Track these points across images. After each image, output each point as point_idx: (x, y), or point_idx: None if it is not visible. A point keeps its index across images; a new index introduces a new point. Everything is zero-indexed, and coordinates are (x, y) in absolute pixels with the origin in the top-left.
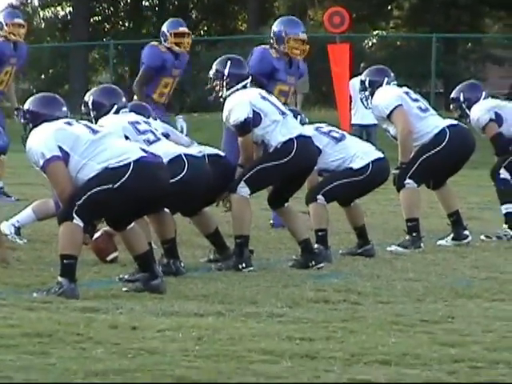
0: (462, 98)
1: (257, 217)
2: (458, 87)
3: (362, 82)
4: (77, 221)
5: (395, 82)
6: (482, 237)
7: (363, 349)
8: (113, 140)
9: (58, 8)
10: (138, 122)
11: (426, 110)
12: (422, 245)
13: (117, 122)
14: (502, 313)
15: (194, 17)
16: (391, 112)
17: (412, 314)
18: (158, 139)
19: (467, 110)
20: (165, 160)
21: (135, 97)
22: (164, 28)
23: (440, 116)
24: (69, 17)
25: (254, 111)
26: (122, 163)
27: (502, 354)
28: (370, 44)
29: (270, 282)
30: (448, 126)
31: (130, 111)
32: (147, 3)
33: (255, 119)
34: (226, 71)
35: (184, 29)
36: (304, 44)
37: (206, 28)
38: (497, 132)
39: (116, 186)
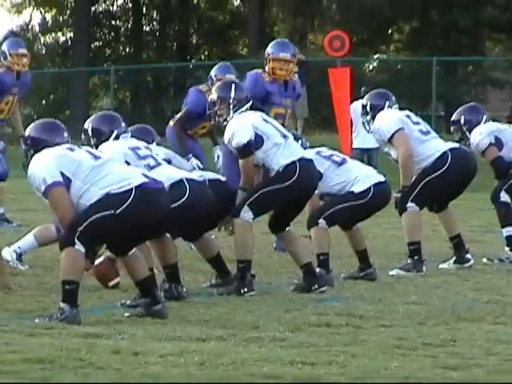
0: (462, 121)
1: (258, 241)
2: (458, 110)
3: (364, 107)
4: (78, 246)
5: (396, 106)
6: (484, 260)
7: (365, 372)
8: (114, 166)
9: (59, 33)
10: (138, 148)
11: (428, 133)
12: (423, 268)
13: (117, 147)
14: (505, 336)
15: (195, 42)
16: (392, 135)
17: (414, 338)
18: (159, 164)
19: (467, 133)
20: (167, 184)
21: None
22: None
23: (441, 139)
24: (69, 42)
25: (256, 134)
26: (123, 189)
27: (504, 377)
28: (371, 68)
29: (271, 306)
30: (450, 149)
31: (133, 135)
32: (148, 28)
33: (257, 142)
34: (232, 95)
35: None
36: (287, 63)
37: (206, 53)
38: (496, 156)
39: (118, 211)
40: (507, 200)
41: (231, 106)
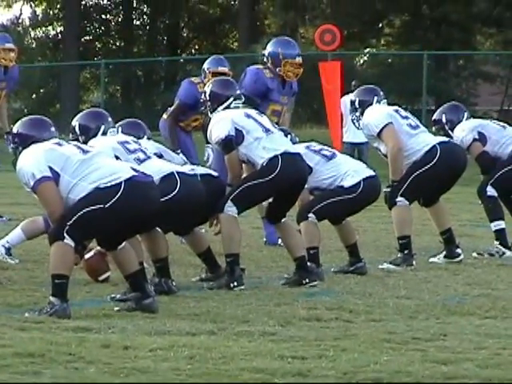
0: (444, 120)
1: (248, 235)
2: (439, 109)
3: (353, 103)
4: (68, 240)
5: (385, 101)
6: (474, 254)
7: (355, 367)
8: (103, 160)
9: (49, 27)
10: (127, 142)
11: (417, 127)
12: (414, 262)
13: (106, 142)
14: (495, 330)
15: (185, 35)
16: (381, 130)
17: (404, 332)
18: (149, 157)
19: (450, 132)
20: (157, 177)
21: None
22: None
23: (431, 133)
24: (59, 36)
25: (236, 129)
26: (113, 183)
27: (494, 372)
28: (362, 61)
29: (261, 300)
30: (439, 143)
31: (124, 129)
32: (138, 22)
33: (238, 137)
34: (208, 93)
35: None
36: (299, 68)
37: (197, 47)
38: (481, 151)
39: (107, 205)
40: (494, 194)
41: (208, 105)
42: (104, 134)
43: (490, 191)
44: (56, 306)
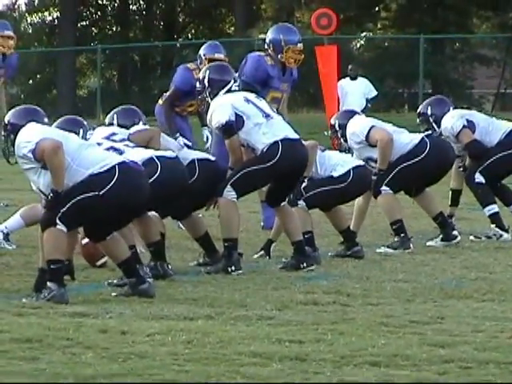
0: (429, 112)
1: (245, 220)
2: (425, 102)
3: (333, 126)
4: (60, 226)
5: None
6: (471, 237)
7: (353, 350)
8: (96, 149)
9: (45, 13)
10: (112, 134)
11: (401, 129)
12: (411, 245)
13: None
14: (492, 313)
15: (182, 20)
16: (368, 132)
17: (401, 315)
18: (123, 152)
19: (434, 125)
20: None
21: None
22: None
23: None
24: (56, 22)
25: (236, 114)
26: (106, 168)
27: (491, 354)
28: (358, 45)
29: (259, 284)
30: (427, 136)
31: (119, 115)
32: (134, 7)
33: (238, 122)
34: (206, 79)
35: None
36: (300, 54)
37: (193, 31)
38: (472, 139)
39: (102, 192)
40: (482, 181)
41: (207, 92)
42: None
43: (478, 178)
44: (54, 291)
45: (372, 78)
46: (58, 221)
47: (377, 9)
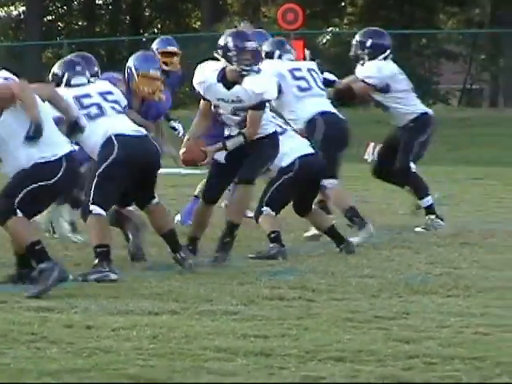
0: (368, 44)
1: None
2: (365, 31)
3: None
4: (19, 213)
5: (290, 56)
6: (418, 229)
7: (318, 346)
8: (46, 128)
9: (11, 7)
10: (86, 95)
11: (307, 90)
12: (370, 226)
13: (64, 94)
14: (457, 308)
15: (148, 15)
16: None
17: (367, 311)
18: (102, 114)
19: (366, 58)
20: (101, 141)
21: None
22: None
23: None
24: (22, 16)
25: None
26: (52, 158)
27: (456, 350)
28: (324, 41)
29: (224, 279)
30: (321, 113)
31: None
32: (100, 1)
33: None
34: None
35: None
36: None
37: (159, 26)
38: (367, 96)
39: (52, 181)
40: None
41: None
42: (68, 83)
43: (413, 167)
44: (48, 268)
45: (338, 73)
46: (16, 210)
47: (343, 4)
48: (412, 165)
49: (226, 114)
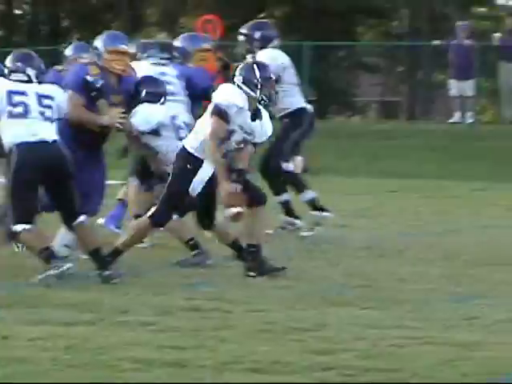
0: (257, 36)
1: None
2: (250, 25)
3: None
4: None
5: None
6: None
7: (234, 357)
8: None
9: None
10: (19, 93)
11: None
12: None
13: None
14: (373, 321)
15: (66, 25)
16: None
17: (283, 322)
18: (25, 115)
19: (257, 50)
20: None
21: None
22: None
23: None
24: None
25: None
26: None
27: (372, 362)
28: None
29: (140, 290)
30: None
31: None
32: (19, 11)
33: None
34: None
35: None
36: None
37: (78, 36)
38: None
39: None
40: (290, 169)
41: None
42: (8, 76)
43: (289, 166)
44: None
45: None
46: None
47: (261, 16)
48: (287, 164)
49: (231, 141)
